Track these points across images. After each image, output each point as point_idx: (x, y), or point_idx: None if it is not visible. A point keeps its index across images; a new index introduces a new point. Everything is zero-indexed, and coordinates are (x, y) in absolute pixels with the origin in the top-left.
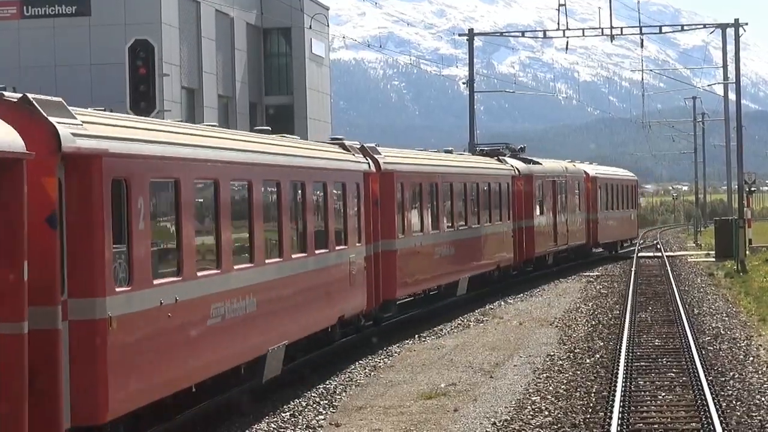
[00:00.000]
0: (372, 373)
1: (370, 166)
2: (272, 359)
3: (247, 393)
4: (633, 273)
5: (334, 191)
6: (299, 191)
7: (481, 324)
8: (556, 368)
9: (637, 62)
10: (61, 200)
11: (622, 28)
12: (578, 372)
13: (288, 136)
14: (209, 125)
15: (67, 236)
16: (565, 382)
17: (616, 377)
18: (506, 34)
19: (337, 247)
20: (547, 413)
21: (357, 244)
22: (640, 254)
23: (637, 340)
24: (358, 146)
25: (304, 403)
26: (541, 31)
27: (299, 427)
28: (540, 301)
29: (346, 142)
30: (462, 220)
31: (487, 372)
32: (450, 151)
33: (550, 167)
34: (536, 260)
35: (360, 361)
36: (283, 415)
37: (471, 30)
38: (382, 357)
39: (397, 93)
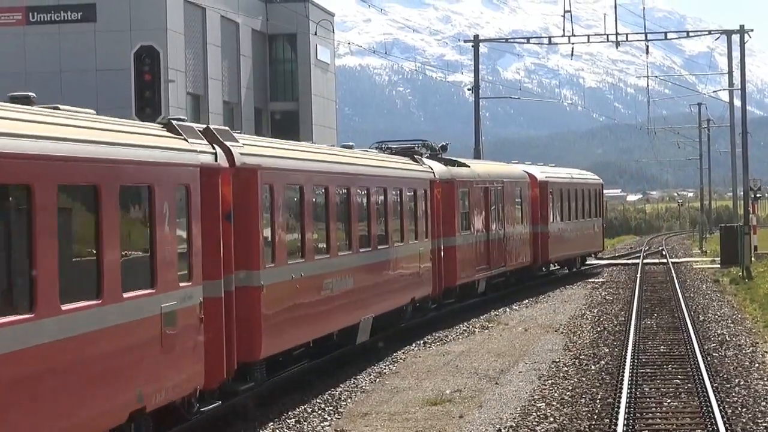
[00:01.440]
0: (377, 380)
1: (217, 159)
2: None
3: (252, 398)
4: (638, 279)
5: (128, 200)
6: (15, 203)
7: (486, 330)
8: (562, 375)
9: (643, 68)
10: None
11: (627, 34)
12: (583, 378)
13: (64, 107)
14: None
15: None
16: (570, 388)
17: (622, 384)
18: (511, 40)
19: (129, 294)
20: (552, 420)
21: (181, 285)
22: (645, 260)
23: (643, 347)
24: (202, 128)
25: (309, 409)
26: (546, 37)
27: None
28: (545, 307)
29: (179, 123)
30: (364, 239)
31: (493, 378)
32: (350, 147)
33: (480, 170)
34: (461, 288)
35: (365, 368)
36: (288, 421)
37: (476, 36)
38: (388, 363)
39: (403, 99)
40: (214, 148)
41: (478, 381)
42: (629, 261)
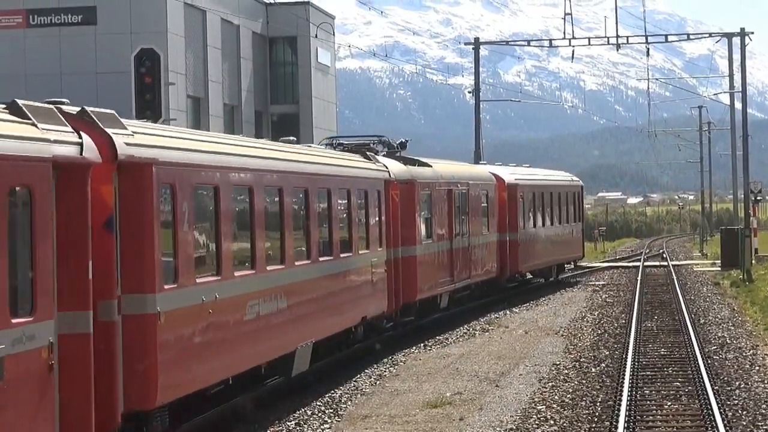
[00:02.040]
0: (377, 382)
1: (83, 150)
2: None
3: (253, 400)
4: (639, 282)
5: None
6: None
7: (487, 333)
8: (562, 377)
9: (643, 71)
10: None
11: (627, 37)
12: (584, 381)
13: None
14: None
15: None
16: (570, 391)
17: (622, 386)
18: (512, 43)
19: None
20: (552, 422)
21: (15, 321)
22: (646, 263)
23: (643, 349)
24: (74, 111)
25: (309, 412)
26: (546, 40)
27: None
28: (546, 310)
29: (28, 104)
30: (300, 250)
31: (493, 381)
32: (291, 141)
33: (443, 170)
34: (421, 304)
35: (365, 370)
36: (288, 423)
37: (477, 39)
38: (388, 366)
39: (403, 102)
40: (80, 137)
41: (479, 383)
42: (630, 264)
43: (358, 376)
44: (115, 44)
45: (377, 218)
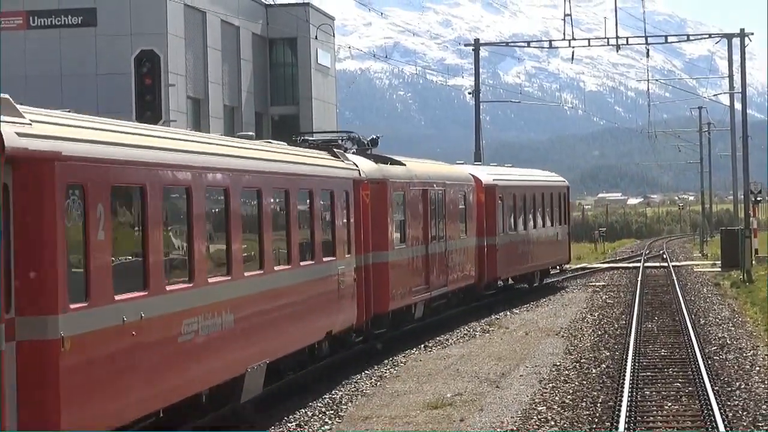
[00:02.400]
0: (378, 383)
1: None
2: None
3: (253, 402)
4: (639, 283)
5: None
6: None
7: (487, 334)
8: (563, 378)
9: (643, 72)
10: None
11: (627, 38)
12: (584, 382)
13: None
14: None
15: None
16: (571, 392)
17: (623, 387)
18: (512, 44)
19: None
20: (553, 423)
21: None
22: (646, 264)
23: (643, 350)
24: None
25: (309, 413)
26: (546, 41)
27: None
28: (546, 311)
29: None
30: (251, 258)
31: (493, 382)
32: (250, 137)
33: (418, 170)
34: (394, 315)
35: (366, 371)
36: (288, 425)
37: (477, 40)
38: (388, 367)
39: (403, 103)
40: None
41: (479, 384)
42: (630, 264)
43: (359, 377)
44: (115, 46)
45: (345, 221)
